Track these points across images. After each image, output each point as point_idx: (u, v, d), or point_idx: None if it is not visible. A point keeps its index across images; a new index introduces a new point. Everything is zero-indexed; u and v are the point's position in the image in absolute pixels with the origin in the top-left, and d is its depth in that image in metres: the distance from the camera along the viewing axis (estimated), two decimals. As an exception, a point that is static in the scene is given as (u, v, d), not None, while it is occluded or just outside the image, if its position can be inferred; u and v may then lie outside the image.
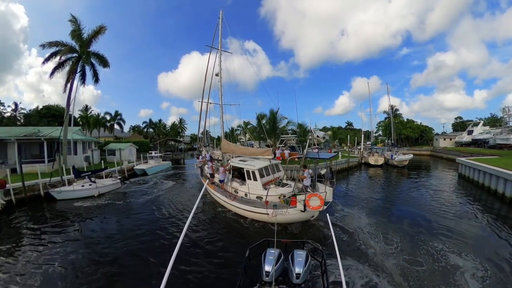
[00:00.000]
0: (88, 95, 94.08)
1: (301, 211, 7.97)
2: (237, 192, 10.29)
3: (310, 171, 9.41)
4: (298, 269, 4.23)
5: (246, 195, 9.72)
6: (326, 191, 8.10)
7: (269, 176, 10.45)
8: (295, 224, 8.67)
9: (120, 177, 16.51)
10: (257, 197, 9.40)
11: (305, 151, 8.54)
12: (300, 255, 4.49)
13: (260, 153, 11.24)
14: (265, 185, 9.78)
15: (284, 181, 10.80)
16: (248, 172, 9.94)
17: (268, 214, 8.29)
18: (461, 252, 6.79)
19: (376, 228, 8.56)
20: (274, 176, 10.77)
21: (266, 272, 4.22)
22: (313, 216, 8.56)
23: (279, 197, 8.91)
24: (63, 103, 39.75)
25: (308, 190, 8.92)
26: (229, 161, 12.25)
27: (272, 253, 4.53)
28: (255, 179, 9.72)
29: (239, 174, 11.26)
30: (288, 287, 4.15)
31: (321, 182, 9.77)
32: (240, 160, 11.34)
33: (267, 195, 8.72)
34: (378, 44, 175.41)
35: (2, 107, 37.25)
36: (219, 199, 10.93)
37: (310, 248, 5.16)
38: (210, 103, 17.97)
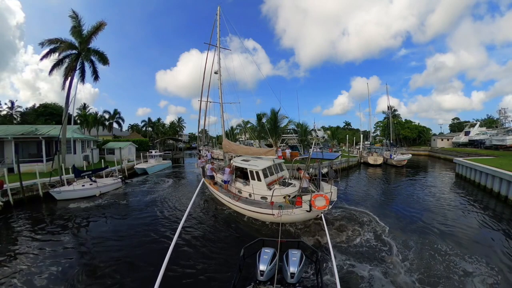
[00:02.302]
0: (85, 93, 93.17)
1: (307, 211, 7.97)
2: (240, 193, 10.24)
3: (311, 170, 9.33)
4: (292, 269, 4.24)
5: (250, 195, 9.67)
6: (331, 191, 8.12)
7: (273, 176, 10.40)
8: (293, 224, 8.72)
9: (121, 176, 16.35)
10: (261, 198, 9.35)
11: (310, 151, 8.52)
12: (294, 255, 4.51)
13: (264, 152, 11.17)
14: (269, 185, 9.73)
15: (288, 181, 10.79)
16: (251, 172, 9.87)
17: (273, 214, 8.27)
18: (461, 249, 6.90)
19: (373, 228, 8.56)
20: (277, 175, 10.72)
21: (261, 271, 4.24)
22: (318, 215, 8.58)
23: (284, 197, 8.90)
24: (60, 101, 39.25)
25: (312, 189, 8.94)
26: (231, 161, 12.18)
27: (267, 253, 4.56)
28: (259, 179, 9.66)
29: (242, 174, 11.19)
30: (283, 286, 4.16)
31: (325, 182, 9.79)
32: (243, 160, 11.25)
33: (272, 196, 8.69)
34: (378, 45, 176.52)
35: (-2, 105, 36.56)
36: (223, 200, 10.86)
37: (304, 248, 5.21)
38: (210, 102, 17.83)
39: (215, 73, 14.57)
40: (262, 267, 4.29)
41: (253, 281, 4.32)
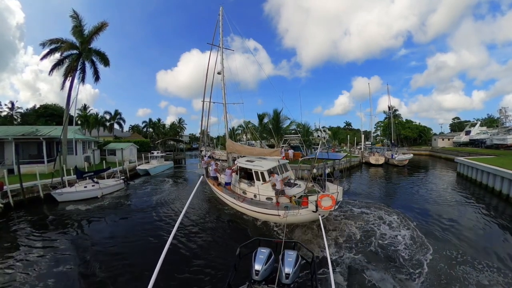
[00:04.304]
0: (85, 94, 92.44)
1: (313, 211, 7.87)
2: (245, 194, 10.14)
3: (279, 176, 9.21)
4: (288, 269, 4.24)
5: (255, 196, 9.58)
6: (338, 191, 8.05)
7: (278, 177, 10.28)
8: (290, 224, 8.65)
9: (123, 177, 16.22)
10: (266, 198, 9.27)
11: (317, 151, 8.45)
12: (290, 256, 4.50)
13: (269, 153, 11.06)
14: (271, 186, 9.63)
15: (292, 181, 10.70)
16: (256, 173, 9.77)
17: (279, 215, 8.17)
18: (471, 255, 6.68)
19: (375, 230, 8.39)
20: (283, 176, 10.61)
21: (256, 271, 4.24)
22: (323, 216, 8.50)
23: (289, 198, 8.80)
24: (60, 102, 39.07)
25: (317, 190, 8.84)
26: (235, 162, 12.08)
27: (262, 252, 4.56)
28: (264, 180, 9.57)
29: (246, 175, 11.09)
30: (278, 286, 4.14)
31: (330, 182, 9.73)
32: (247, 161, 11.16)
33: (279, 195, 8.59)
34: (380, 45, 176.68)
35: (-1, 106, 36.35)
36: (227, 201, 10.76)
37: (301, 248, 5.17)
38: (213, 102, 17.69)
39: (218, 73, 14.49)
40: (257, 266, 4.30)
41: (248, 280, 4.33)
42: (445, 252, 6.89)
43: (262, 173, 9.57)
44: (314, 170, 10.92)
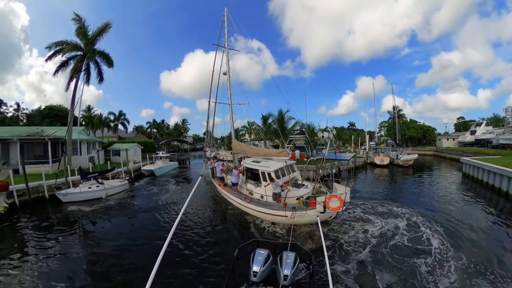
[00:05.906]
0: (89, 95, 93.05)
1: (321, 212, 7.73)
2: (252, 194, 10.02)
3: (280, 181, 9.16)
4: (286, 271, 4.22)
5: (262, 197, 9.45)
6: (345, 192, 7.91)
7: (285, 177, 10.14)
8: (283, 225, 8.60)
9: (128, 178, 16.19)
10: (273, 199, 9.13)
11: (325, 151, 8.32)
12: (288, 257, 4.48)
13: (276, 154, 10.93)
14: (282, 187, 9.51)
15: (300, 182, 10.56)
16: (263, 173, 9.66)
17: (287, 216, 8.04)
18: (483, 264, 6.23)
19: (377, 231, 8.14)
20: (290, 177, 10.49)
21: (254, 272, 4.22)
22: (330, 217, 8.38)
23: (297, 199, 8.68)
24: (65, 103, 39.41)
25: (325, 191, 8.69)
26: (242, 162, 11.98)
27: (261, 254, 4.55)
28: (271, 180, 9.44)
29: (252, 175, 10.98)
30: None
31: (337, 182, 9.57)
32: (254, 161, 11.04)
33: (285, 197, 8.48)
34: (384, 44, 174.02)
35: (4, 107, 36.70)
36: (233, 201, 10.66)
37: (299, 250, 5.14)
38: (219, 103, 17.61)
39: (224, 74, 14.43)
40: (255, 268, 4.28)
41: (246, 281, 4.31)
42: (455, 260, 6.37)
43: (269, 174, 9.45)
44: (320, 171, 10.77)
